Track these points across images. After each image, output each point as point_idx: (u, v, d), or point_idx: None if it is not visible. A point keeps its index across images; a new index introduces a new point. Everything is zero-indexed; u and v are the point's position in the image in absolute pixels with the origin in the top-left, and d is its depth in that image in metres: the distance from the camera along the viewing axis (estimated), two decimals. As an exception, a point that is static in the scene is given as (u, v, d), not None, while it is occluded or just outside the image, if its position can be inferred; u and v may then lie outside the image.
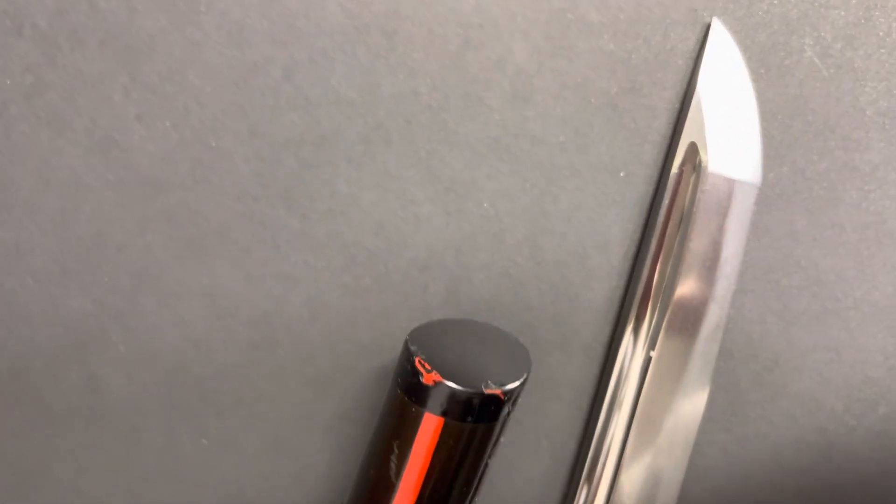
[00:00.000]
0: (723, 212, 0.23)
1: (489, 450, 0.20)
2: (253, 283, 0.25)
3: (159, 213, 0.25)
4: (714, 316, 0.24)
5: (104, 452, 0.27)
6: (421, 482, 0.20)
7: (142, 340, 0.26)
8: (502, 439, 0.21)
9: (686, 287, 0.23)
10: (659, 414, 0.24)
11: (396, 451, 0.20)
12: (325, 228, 0.25)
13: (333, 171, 0.24)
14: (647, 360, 0.24)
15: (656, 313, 0.24)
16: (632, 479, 0.24)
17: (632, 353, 0.24)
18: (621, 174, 0.25)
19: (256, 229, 0.25)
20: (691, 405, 0.24)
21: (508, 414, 0.20)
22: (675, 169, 0.24)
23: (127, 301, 0.25)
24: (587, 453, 0.25)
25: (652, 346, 0.23)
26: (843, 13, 0.23)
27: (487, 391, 0.19)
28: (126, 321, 0.26)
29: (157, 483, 0.27)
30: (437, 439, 0.19)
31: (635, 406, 0.24)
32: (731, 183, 0.23)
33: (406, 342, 0.20)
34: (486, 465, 0.21)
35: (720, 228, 0.24)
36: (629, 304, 0.24)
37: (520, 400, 0.21)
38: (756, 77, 0.24)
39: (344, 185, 0.25)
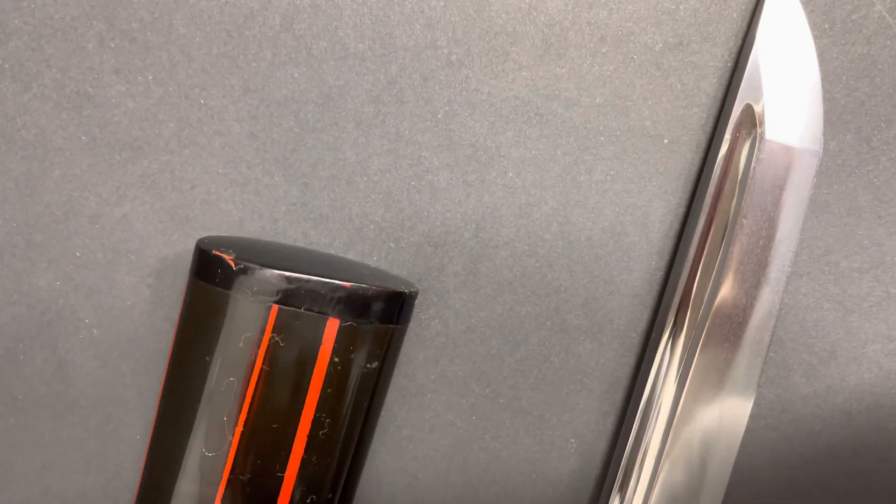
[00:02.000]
0: (780, 184, 0.25)
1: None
2: None
3: (139, 179, 0.26)
4: (766, 302, 0.25)
5: (74, 447, 0.28)
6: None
7: (118, 323, 0.27)
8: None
9: (736, 269, 0.25)
10: (702, 413, 0.25)
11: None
12: (329, 199, 0.26)
13: (339, 134, 0.26)
14: (692, 352, 0.25)
15: (703, 299, 0.25)
16: (669, 487, 0.26)
17: (672, 345, 0.26)
18: (665, 141, 0.26)
19: (250, 199, 0.26)
20: (738, 403, 0.25)
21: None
22: (727, 135, 0.25)
23: (101, 278, 0.27)
24: (621, 456, 0.26)
25: (697, 336, 0.25)
26: (919, -38, 0.24)
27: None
28: (100, 300, 0.27)
29: (133, 482, 0.28)
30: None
31: (676, 404, 0.25)
32: (789, 151, 0.25)
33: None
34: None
35: (776, 203, 0.25)
36: (671, 288, 0.26)
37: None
38: (819, 33, 0.25)
39: (350, 151, 0.26)
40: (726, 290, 0.24)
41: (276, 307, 0.22)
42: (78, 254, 0.26)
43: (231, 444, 0.23)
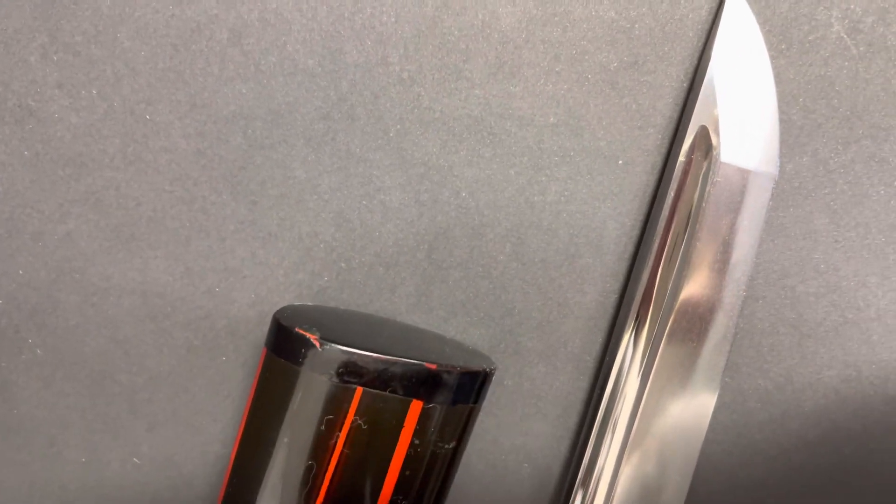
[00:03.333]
0: (735, 207, 0.25)
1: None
2: (192, 279, 0.27)
3: (83, 196, 0.26)
4: (721, 326, 0.26)
5: (18, 470, 0.28)
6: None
7: (61, 342, 0.27)
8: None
9: (691, 292, 0.25)
10: (657, 437, 0.26)
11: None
12: (277, 217, 0.26)
13: (288, 151, 0.26)
14: (645, 376, 0.26)
15: (657, 323, 0.26)
16: (628, 496, 0.26)
17: (628, 368, 0.26)
18: (619, 162, 0.26)
19: (197, 217, 0.26)
20: (693, 427, 0.26)
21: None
22: (681, 157, 0.25)
23: (45, 297, 0.27)
24: (575, 480, 0.27)
25: (650, 359, 0.26)
26: (875, -17, 0.25)
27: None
28: (44, 320, 0.27)
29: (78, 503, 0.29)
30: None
31: (630, 427, 0.26)
32: (745, 174, 0.25)
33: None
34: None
35: (731, 226, 0.25)
36: (625, 311, 0.26)
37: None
38: (776, 54, 0.26)
39: (300, 169, 0.26)
40: (681, 314, 0.25)
41: (360, 389, 0.22)
42: (21, 272, 0.26)
43: None
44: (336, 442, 0.22)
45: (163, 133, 0.25)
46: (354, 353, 0.22)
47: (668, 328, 0.25)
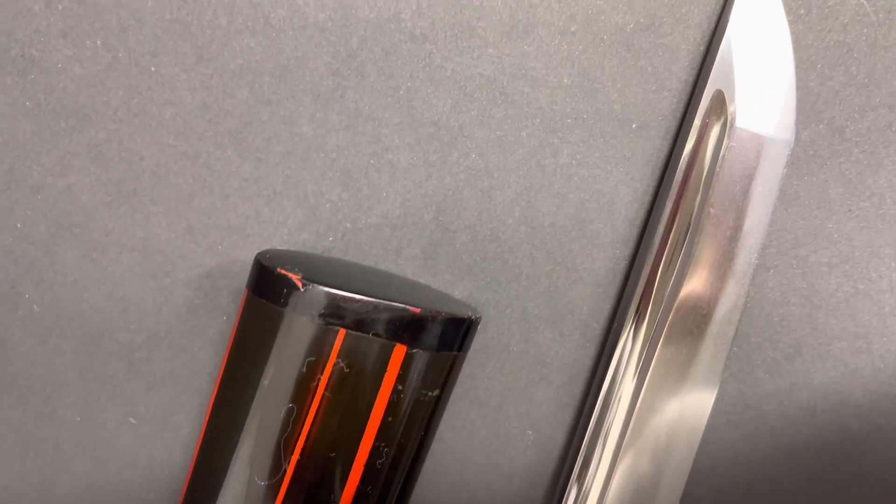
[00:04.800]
0: (749, 173, 0.26)
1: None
2: (194, 237, 0.28)
3: (85, 149, 0.27)
4: (731, 295, 0.27)
5: (12, 429, 0.29)
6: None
7: (59, 299, 0.28)
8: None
9: (702, 261, 0.26)
10: (662, 407, 0.27)
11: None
12: (283, 175, 0.27)
13: (295, 107, 0.27)
14: (653, 345, 0.27)
15: (667, 291, 0.27)
16: (627, 481, 0.27)
17: (634, 336, 0.27)
18: (633, 125, 0.27)
19: (201, 173, 0.27)
20: (700, 397, 0.27)
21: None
22: (696, 122, 0.26)
23: (43, 252, 0.28)
24: (578, 449, 0.28)
25: (659, 328, 0.27)
26: (898, -52, 0.26)
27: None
28: (41, 275, 0.28)
29: (74, 465, 0.30)
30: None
31: (637, 396, 0.27)
32: (760, 140, 0.26)
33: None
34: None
35: (745, 193, 0.26)
36: (635, 278, 0.27)
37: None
38: (794, 19, 0.26)
39: (307, 126, 0.27)
40: (691, 282, 0.26)
41: (343, 331, 0.22)
42: (19, 226, 0.27)
43: (286, 473, 0.23)
44: (317, 385, 0.23)
45: (168, 86, 0.26)
46: (338, 294, 0.22)
47: (678, 296, 0.26)
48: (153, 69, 0.26)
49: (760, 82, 0.25)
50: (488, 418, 0.28)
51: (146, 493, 0.29)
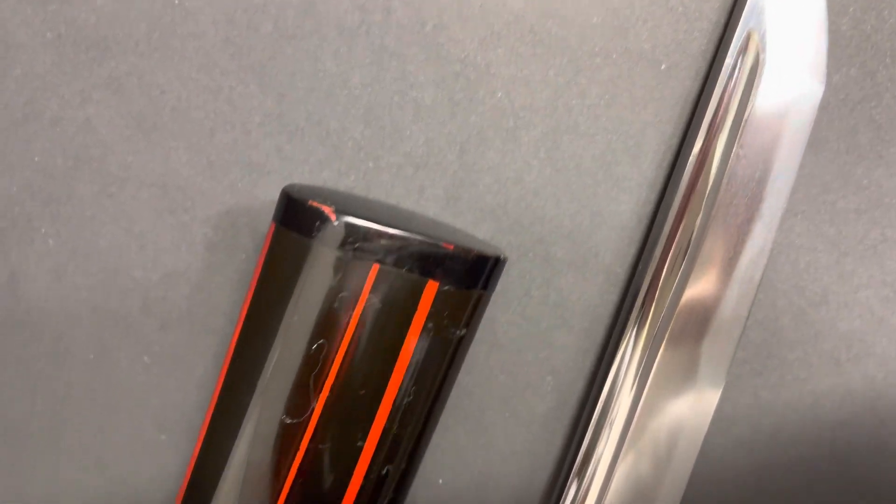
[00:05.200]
0: (780, 116, 0.31)
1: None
2: (214, 173, 0.32)
3: (105, 82, 0.32)
4: (759, 239, 0.32)
5: (22, 366, 0.34)
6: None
7: (75, 233, 0.32)
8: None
9: (729, 203, 0.32)
10: (687, 353, 0.32)
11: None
12: (305, 112, 0.32)
13: (319, 43, 0.32)
14: (678, 292, 0.32)
15: (692, 233, 0.32)
16: (650, 434, 0.33)
17: (657, 279, 0.33)
18: (663, 66, 0.32)
19: (222, 108, 0.32)
20: (724, 341, 0.32)
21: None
22: (727, 63, 0.32)
23: (60, 186, 0.33)
24: (597, 398, 0.34)
25: (685, 274, 0.32)
26: None
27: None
28: (58, 210, 0.32)
29: (84, 405, 0.34)
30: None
31: (657, 346, 0.32)
32: (791, 83, 0.31)
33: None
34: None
35: (774, 137, 0.32)
36: (661, 221, 0.33)
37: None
38: (829, -40, 0.31)
39: (331, 62, 0.32)
40: (718, 226, 0.31)
41: (376, 266, 0.25)
42: (37, 159, 0.32)
43: (314, 411, 0.26)
44: (349, 321, 0.25)
45: (191, 18, 0.31)
46: (372, 227, 0.25)
47: (705, 239, 0.31)
48: (176, 2, 0.31)
49: (792, 24, 0.30)
50: (508, 363, 0.34)
51: (158, 433, 0.34)
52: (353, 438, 0.27)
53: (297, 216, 0.26)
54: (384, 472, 0.28)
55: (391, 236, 0.25)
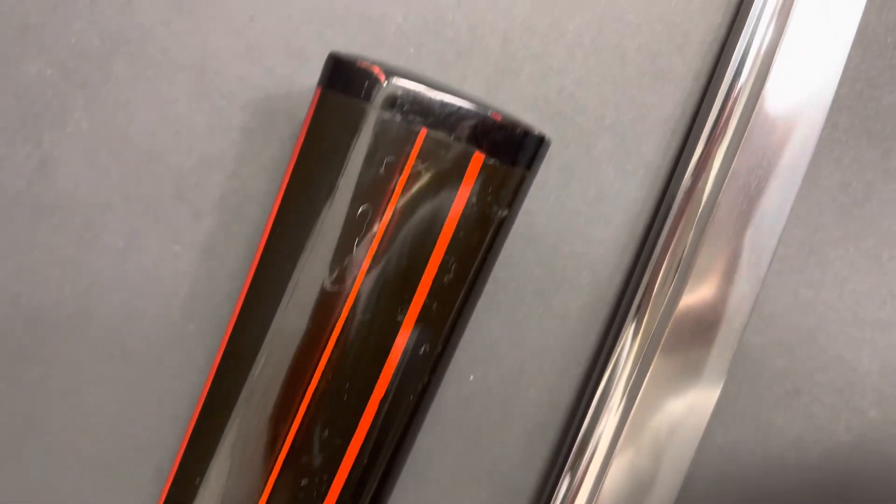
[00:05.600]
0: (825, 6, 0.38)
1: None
2: (253, 58, 0.36)
3: (146, -40, 0.35)
4: (803, 135, 0.38)
5: (50, 252, 0.38)
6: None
7: (110, 118, 0.37)
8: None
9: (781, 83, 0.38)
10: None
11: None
12: (347, -4, 0.36)
13: (364, -75, 0.37)
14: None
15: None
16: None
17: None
18: (710, -43, 0.38)
19: (263, -9, 0.35)
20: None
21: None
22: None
23: (96, 68, 0.36)
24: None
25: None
26: None
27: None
28: (93, 93, 0.36)
29: (112, 293, 0.38)
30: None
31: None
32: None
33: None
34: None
35: (821, 28, 0.38)
36: (700, 123, 0.39)
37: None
38: None
39: (375, -55, 0.37)
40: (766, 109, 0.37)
41: (424, 131, 0.28)
42: (73, 40, 0.36)
43: (357, 279, 0.29)
44: (395, 187, 0.28)
45: None
46: (421, 90, 0.27)
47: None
48: None
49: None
50: (544, 257, 0.39)
51: (186, 323, 0.38)
52: (394, 312, 0.30)
53: (344, 78, 0.28)
54: (421, 350, 0.31)
55: (441, 101, 0.28)
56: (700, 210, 0.35)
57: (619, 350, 0.36)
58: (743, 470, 0.39)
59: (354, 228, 0.29)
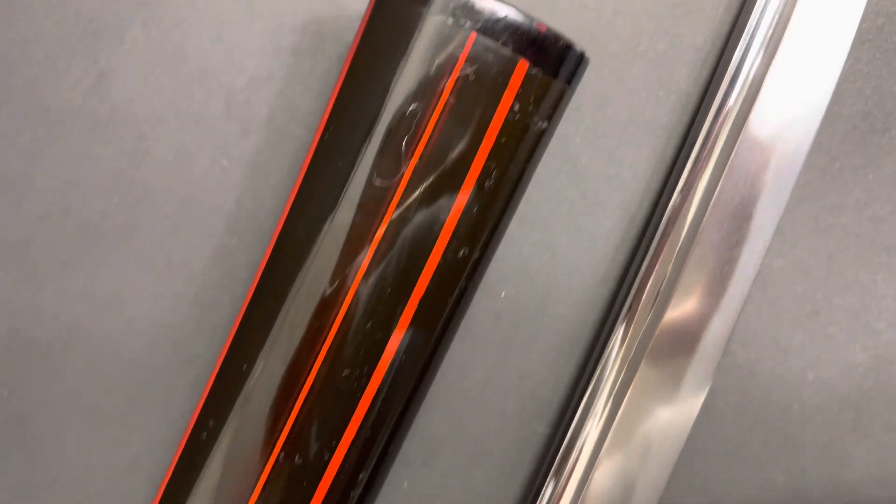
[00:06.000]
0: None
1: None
2: None
3: None
4: (825, 72, 0.41)
5: (102, 164, 0.40)
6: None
7: (165, 36, 0.39)
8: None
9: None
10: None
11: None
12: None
13: None
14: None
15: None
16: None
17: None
18: None
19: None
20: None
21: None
22: None
23: (153, -13, 0.38)
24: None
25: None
26: None
27: None
28: (150, 11, 0.38)
29: (159, 206, 0.40)
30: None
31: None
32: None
33: None
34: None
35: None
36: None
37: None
38: None
39: None
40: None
41: (474, 35, 0.30)
42: None
43: (404, 176, 0.31)
44: (443, 89, 0.30)
45: None
46: None
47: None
48: None
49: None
50: (577, 178, 0.41)
51: (230, 237, 0.40)
52: (437, 208, 0.31)
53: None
54: (460, 253, 0.33)
55: (491, 8, 0.29)
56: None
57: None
58: (762, 387, 0.41)
59: (403, 127, 0.31)
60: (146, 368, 0.40)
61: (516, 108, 0.31)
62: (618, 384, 0.37)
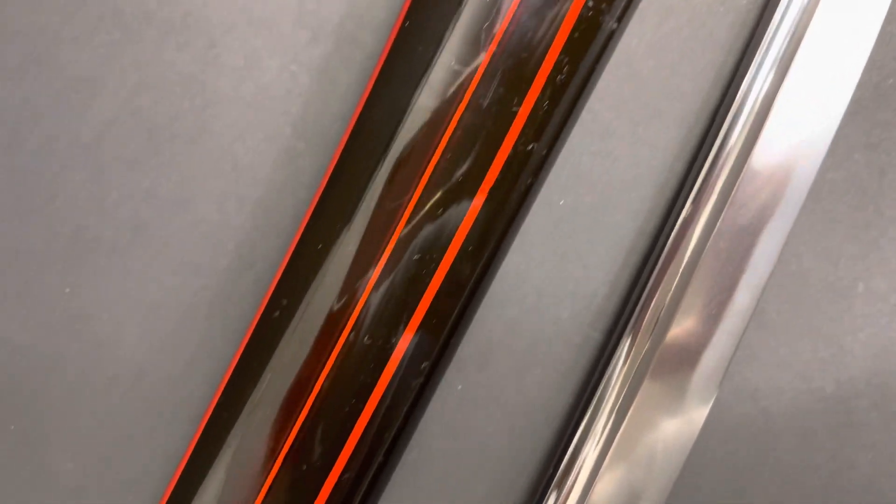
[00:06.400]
0: None
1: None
2: None
3: None
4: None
5: (173, 68, 0.41)
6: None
7: None
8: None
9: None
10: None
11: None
12: None
13: None
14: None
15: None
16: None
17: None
18: None
19: None
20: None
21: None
22: None
23: None
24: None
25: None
26: None
27: None
28: None
29: (228, 111, 0.42)
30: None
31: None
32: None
33: None
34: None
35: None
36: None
37: None
38: None
39: None
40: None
41: None
42: None
43: (482, 62, 0.32)
44: None
45: None
46: None
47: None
48: None
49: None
50: (638, 90, 0.40)
51: (297, 141, 0.42)
52: (509, 102, 0.33)
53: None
54: (530, 147, 0.34)
55: None
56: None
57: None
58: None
59: (482, 12, 0.32)
60: (211, 270, 0.42)
61: (590, 3, 0.32)
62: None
